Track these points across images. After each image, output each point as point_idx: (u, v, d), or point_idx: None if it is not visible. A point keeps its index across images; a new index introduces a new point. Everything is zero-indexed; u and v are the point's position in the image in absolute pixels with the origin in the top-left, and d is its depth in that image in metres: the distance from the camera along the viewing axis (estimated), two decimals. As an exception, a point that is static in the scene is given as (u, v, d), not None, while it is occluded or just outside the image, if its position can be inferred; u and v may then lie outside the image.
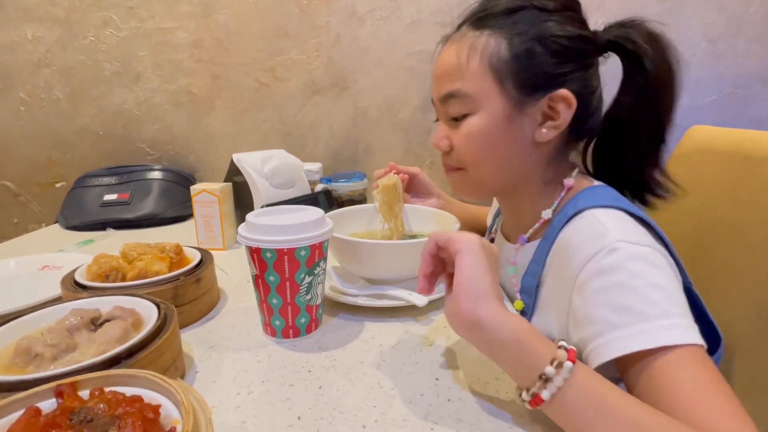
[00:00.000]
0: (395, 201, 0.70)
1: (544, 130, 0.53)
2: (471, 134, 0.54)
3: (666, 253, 0.47)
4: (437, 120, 0.61)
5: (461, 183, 0.60)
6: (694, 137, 0.80)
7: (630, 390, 0.41)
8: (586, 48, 0.53)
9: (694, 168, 0.78)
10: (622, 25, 0.54)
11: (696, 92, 1.06)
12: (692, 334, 0.40)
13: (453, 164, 0.59)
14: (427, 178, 0.86)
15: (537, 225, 0.57)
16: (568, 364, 0.35)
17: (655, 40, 0.52)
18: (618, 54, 0.54)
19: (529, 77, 0.51)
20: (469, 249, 0.42)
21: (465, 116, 0.54)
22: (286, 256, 0.48)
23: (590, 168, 0.61)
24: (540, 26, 0.51)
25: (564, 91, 0.51)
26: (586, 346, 0.44)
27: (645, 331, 0.40)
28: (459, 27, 0.57)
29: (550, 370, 0.35)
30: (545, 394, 0.35)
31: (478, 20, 0.54)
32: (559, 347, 0.37)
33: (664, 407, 0.36)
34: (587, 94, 0.54)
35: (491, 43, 0.52)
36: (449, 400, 0.41)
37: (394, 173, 0.74)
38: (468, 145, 0.55)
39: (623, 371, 0.42)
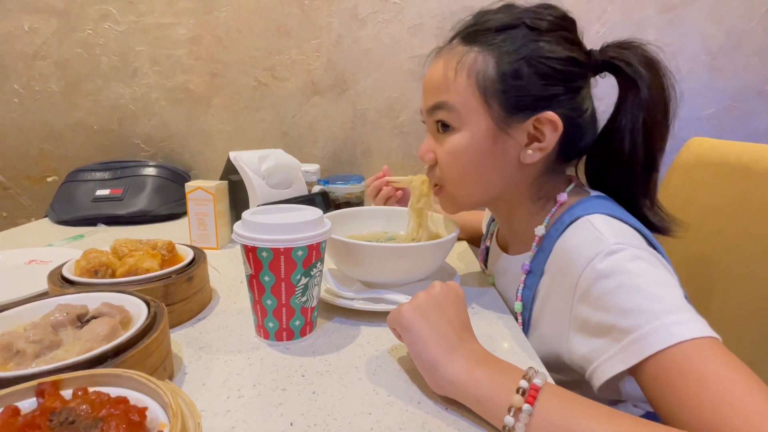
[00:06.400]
0: (427, 206, 0.66)
1: (529, 152, 0.52)
2: (454, 151, 0.55)
3: (663, 259, 0.47)
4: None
5: (444, 201, 0.62)
6: (694, 149, 0.80)
7: (648, 393, 0.39)
8: (576, 71, 0.52)
9: (692, 179, 0.78)
10: (619, 46, 0.53)
11: (694, 105, 1.06)
12: (704, 327, 0.38)
13: (435, 180, 0.60)
14: None
15: (534, 245, 0.56)
16: (526, 407, 0.34)
17: (652, 66, 0.51)
18: (614, 75, 0.53)
19: (514, 98, 0.51)
20: (404, 330, 0.43)
21: (451, 131, 0.55)
22: (282, 256, 0.46)
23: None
24: (529, 46, 0.51)
25: (550, 114, 0.51)
26: (600, 356, 0.43)
27: (656, 330, 0.38)
28: (451, 40, 0.57)
29: (509, 419, 0.35)
30: None
31: (468, 35, 0.54)
32: (518, 390, 0.36)
33: (690, 404, 0.35)
34: (576, 117, 0.53)
35: (479, 61, 0.52)
36: (447, 408, 0.40)
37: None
38: (451, 162, 0.56)
39: (639, 376, 0.40)
